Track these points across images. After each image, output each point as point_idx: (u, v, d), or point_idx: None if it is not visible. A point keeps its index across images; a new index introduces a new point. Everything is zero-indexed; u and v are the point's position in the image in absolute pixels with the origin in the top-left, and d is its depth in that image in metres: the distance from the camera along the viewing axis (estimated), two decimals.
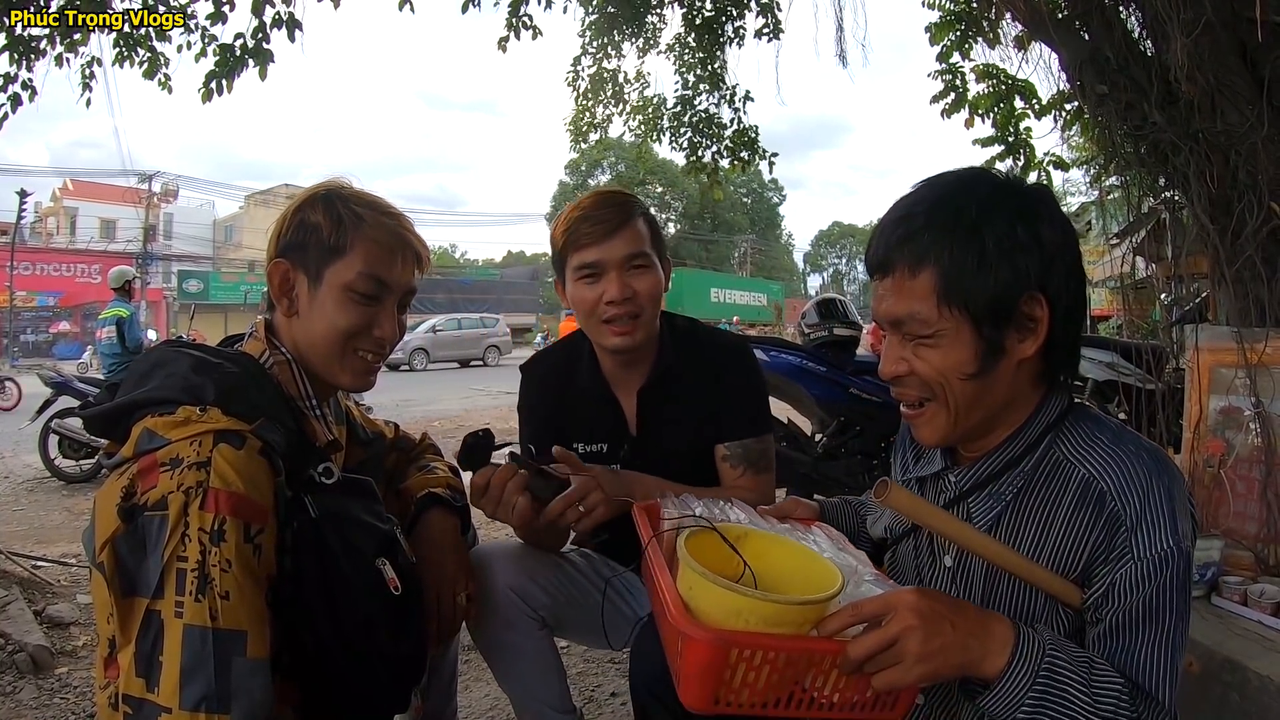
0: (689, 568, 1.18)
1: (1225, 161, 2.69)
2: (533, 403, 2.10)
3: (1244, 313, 2.71)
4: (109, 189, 43.84)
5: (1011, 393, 1.26)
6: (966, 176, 1.28)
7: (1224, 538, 2.42)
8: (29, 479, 7.83)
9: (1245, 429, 2.58)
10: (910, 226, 1.22)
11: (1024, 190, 1.26)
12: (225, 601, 1.18)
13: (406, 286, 1.57)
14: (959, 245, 1.18)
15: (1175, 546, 1.14)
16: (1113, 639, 1.16)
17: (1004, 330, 1.20)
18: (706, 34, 6.95)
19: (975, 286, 1.18)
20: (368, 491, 1.54)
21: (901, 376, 1.28)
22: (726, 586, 1.14)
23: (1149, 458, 1.21)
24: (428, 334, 27.66)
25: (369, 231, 1.50)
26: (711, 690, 1.13)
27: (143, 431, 1.27)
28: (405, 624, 1.50)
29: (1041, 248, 1.19)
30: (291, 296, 1.52)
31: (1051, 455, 1.27)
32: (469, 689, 2.98)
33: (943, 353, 1.22)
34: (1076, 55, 3.15)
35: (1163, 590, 1.14)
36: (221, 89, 5.04)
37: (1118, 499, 1.17)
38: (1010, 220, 1.19)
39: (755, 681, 1.12)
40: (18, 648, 3.27)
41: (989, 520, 1.29)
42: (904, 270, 1.22)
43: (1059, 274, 1.21)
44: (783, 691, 1.14)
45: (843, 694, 1.15)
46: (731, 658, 1.10)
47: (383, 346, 1.56)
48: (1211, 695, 2.04)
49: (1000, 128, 4.85)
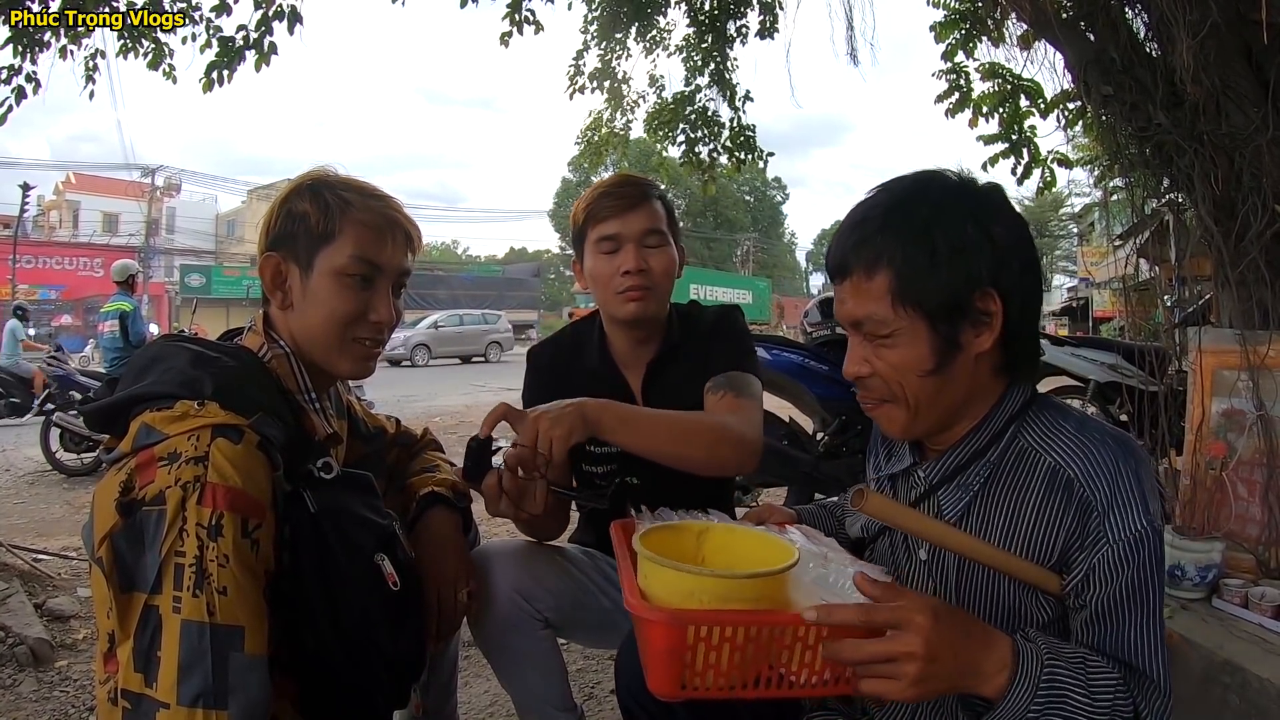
0: (642, 557, 1.21)
1: (1230, 164, 2.68)
2: (537, 388, 2.08)
3: (1247, 315, 2.71)
4: (112, 183, 43.87)
5: (972, 386, 1.30)
6: (920, 179, 1.32)
7: (1225, 540, 2.42)
8: (30, 472, 7.84)
9: (1247, 431, 2.57)
10: (866, 230, 1.27)
11: (976, 191, 1.30)
12: (223, 597, 1.17)
13: (399, 268, 1.56)
14: (911, 246, 1.22)
15: (1149, 526, 1.18)
16: (1101, 624, 1.20)
17: (959, 326, 1.24)
18: (711, 32, 6.94)
19: (928, 285, 1.22)
20: (367, 487, 1.54)
21: (864, 377, 1.32)
22: (676, 568, 1.17)
23: (1114, 443, 1.24)
24: (430, 330, 27.73)
25: (356, 214, 1.50)
26: (676, 674, 1.14)
27: (141, 426, 1.27)
28: (404, 620, 1.50)
29: (993, 245, 1.23)
30: (285, 289, 1.51)
31: (1017, 444, 1.30)
32: (469, 685, 2.98)
33: (901, 351, 1.26)
34: (1081, 56, 3.14)
35: (1142, 570, 1.18)
36: (222, 79, 5.07)
37: (1086, 484, 1.21)
38: (961, 220, 1.23)
39: (718, 662, 1.14)
40: (18, 641, 3.28)
41: (958, 511, 1.32)
42: (860, 273, 1.27)
43: (1011, 270, 1.25)
44: (750, 673, 1.16)
45: (813, 671, 1.16)
46: (689, 637, 1.12)
47: (380, 331, 1.55)
48: (1211, 698, 2.04)
49: (1005, 127, 4.84)
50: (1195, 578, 2.34)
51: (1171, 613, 2.24)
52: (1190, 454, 2.71)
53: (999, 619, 1.28)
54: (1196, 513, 2.56)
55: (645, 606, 1.16)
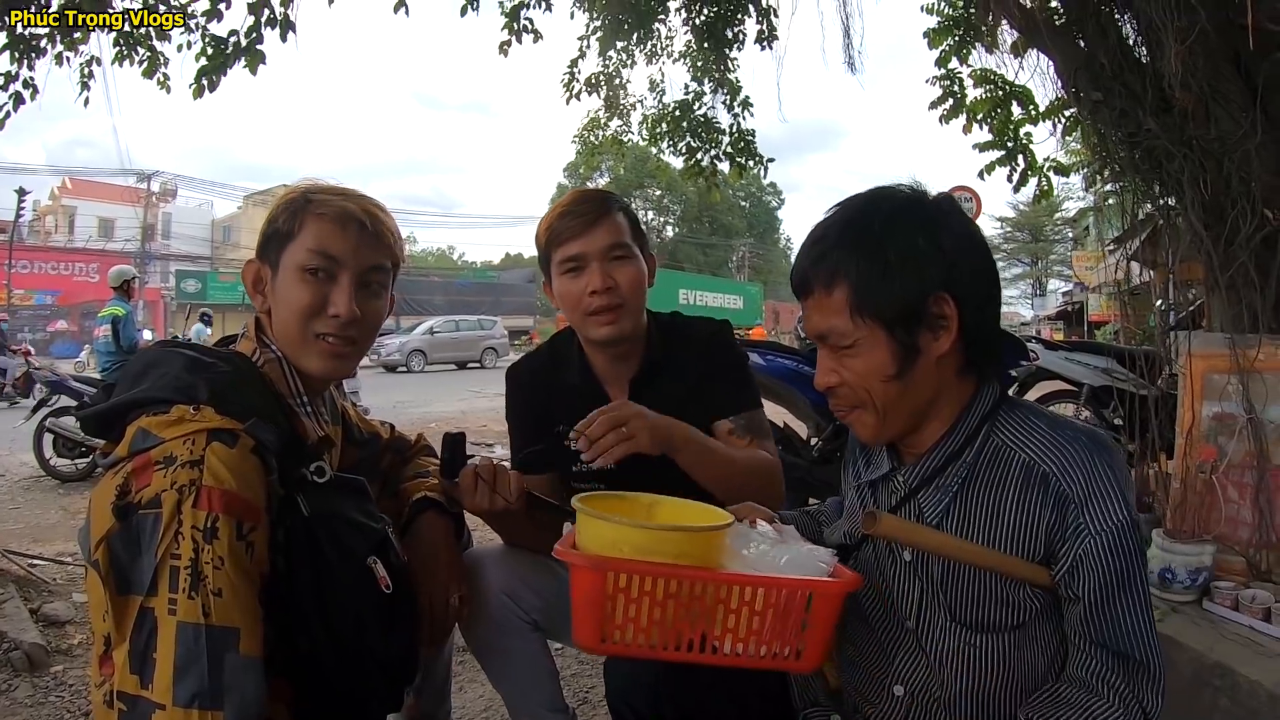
0: (578, 511, 1.27)
1: (1219, 168, 2.70)
2: (521, 407, 2.10)
3: (1236, 319, 2.72)
4: (108, 188, 43.89)
5: (937, 387, 1.34)
6: (872, 196, 1.38)
7: (1216, 543, 2.43)
8: (25, 478, 7.82)
9: (1237, 435, 2.59)
10: (823, 247, 1.34)
11: (925, 202, 1.35)
12: (218, 599, 1.18)
13: (364, 262, 1.54)
14: (865, 260, 1.28)
15: (1128, 516, 1.24)
16: (1097, 616, 1.25)
17: (916, 331, 1.29)
18: (710, 38, 6.97)
19: (883, 295, 1.28)
20: (360, 490, 1.55)
21: (834, 387, 1.37)
22: (601, 518, 1.23)
23: (1087, 439, 1.30)
24: (425, 335, 27.64)
25: (316, 209, 1.51)
26: (597, 624, 1.18)
27: (137, 431, 1.28)
28: (396, 623, 1.50)
29: (943, 252, 1.28)
30: (264, 293, 1.54)
31: (991, 444, 1.35)
32: (463, 689, 2.98)
33: (863, 359, 1.31)
34: (1071, 62, 3.16)
35: (1127, 558, 1.24)
36: (213, 85, 5.03)
37: (1062, 479, 1.26)
38: (911, 231, 1.29)
39: (638, 617, 1.18)
40: (13, 646, 3.28)
41: (939, 513, 1.36)
42: (820, 288, 1.33)
43: (963, 274, 1.30)
44: (671, 634, 1.19)
45: (737, 639, 1.20)
46: (609, 585, 1.16)
47: (343, 326, 1.52)
48: (1201, 700, 2.05)
49: (998, 133, 4.86)
50: (1186, 580, 2.35)
51: (1162, 615, 2.25)
52: (1181, 457, 2.73)
53: (990, 611, 1.32)
54: (1187, 516, 2.57)
55: (567, 552, 1.21)
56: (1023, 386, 5.78)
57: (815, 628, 1.22)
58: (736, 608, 1.19)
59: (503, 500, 1.66)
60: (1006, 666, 1.33)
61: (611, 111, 7.74)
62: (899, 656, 1.41)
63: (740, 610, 1.20)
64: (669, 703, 1.57)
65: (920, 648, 1.38)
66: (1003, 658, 1.32)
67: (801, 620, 1.22)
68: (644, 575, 1.17)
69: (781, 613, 1.21)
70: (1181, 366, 2.79)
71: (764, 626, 1.21)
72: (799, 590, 1.21)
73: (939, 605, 1.36)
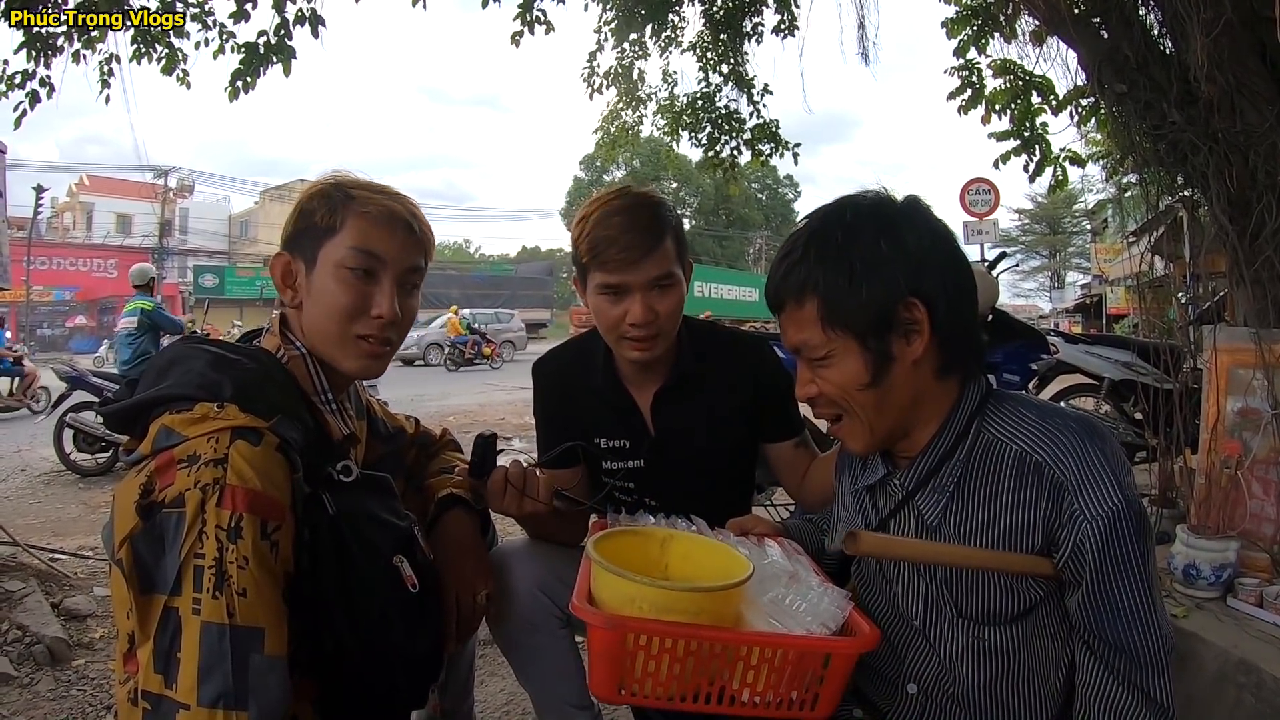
0: (593, 562, 1.26)
1: (1244, 161, 2.67)
2: (548, 404, 2.08)
3: (1262, 313, 2.69)
4: (125, 184, 44.15)
5: (916, 390, 1.34)
6: (836, 206, 1.38)
7: (1240, 539, 2.41)
8: (45, 472, 7.89)
9: (1263, 430, 2.56)
10: (791, 260, 1.34)
11: (887, 207, 1.35)
12: (242, 598, 1.18)
13: (405, 263, 1.54)
14: (830, 271, 1.29)
15: (1124, 499, 1.22)
16: (1095, 600, 1.24)
17: (887, 338, 1.29)
18: (728, 29, 6.93)
19: (851, 306, 1.28)
20: (386, 488, 1.54)
21: (814, 398, 1.39)
22: (619, 574, 1.21)
23: (1077, 424, 1.29)
24: (442, 329, 27.68)
25: (359, 207, 1.50)
26: (615, 677, 1.19)
27: (160, 429, 1.27)
28: (422, 621, 1.50)
29: (907, 256, 1.28)
30: (294, 287, 1.52)
31: (983, 438, 1.34)
32: (485, 684, 2.99)
33: (838, 370, 1.33)
34: (1095, 53, 3.13)
35: (1124, 542, 1.22)
36: (248, 87, 5.06)
37: (1054, 466, 1.25)
38: (873, 238, 1.29)
39: (657, 672, 1.18)
40: (35, 639, 3.30)
41: (938, 512, 1.36)
42: (792, 302, 1.34)
43: (931, 275, 1.29)
44: (690, 686, 1.20)
45: (755, 691, 1.21)
46: (628, 643, 1.16)
47: (384, 328, 1.52)
48: (1226, 697, 2.03)
49: (1017, 123, 4.83)
50: (1210, 577, 2.33)
51: (1186, 612, 2.23)
52: (1205, 453, 2.70)
53: (994, 603, 1.33)
54: (1211, 512, 2.54)
55: (584, 609, 1.20)
56: (1042, 380, 5.73)
57: (831, 681, 1.24)
58: (756, 664, 1.20)
59: (532, 504, 1.67)
60: (1016, 657, 1.34)
61: (630, 103, 7.70)
62: (909, 655, 1.43)
63: (760, 667, 1.21)
64: None
65: (930, 645, 1.39)
66: (1011, 649, 1.33)
67: (819, 675, 1.23)
68: (663, 636, 1.17)
69: (799, 669, 1.22)
70: (1206, 360, 2.76)
71: (781, 681, 1.22)
72: (819, 649, 1.22)
73: (944, 602, 1.37)
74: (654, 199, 1.90)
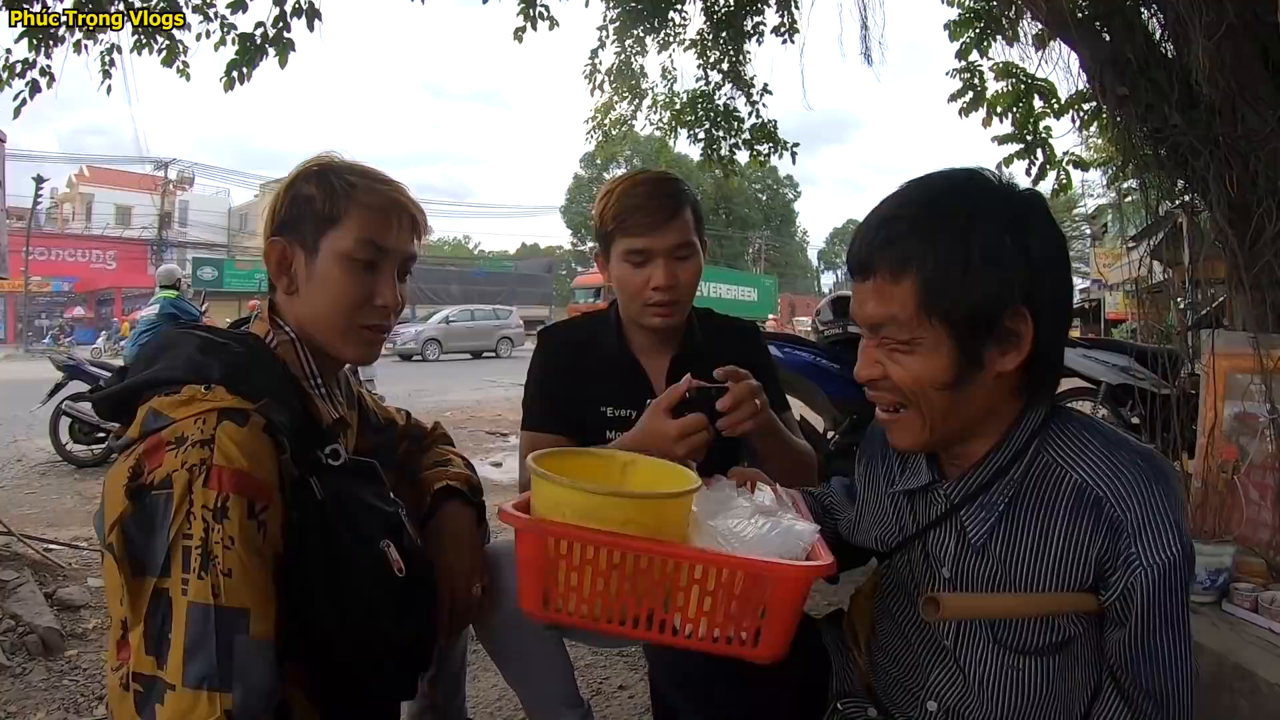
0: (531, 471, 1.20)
1: (1245, 166, 2.67)
2: (550, 366, 2.08)
3: (1260, 319, 2.69)
4: (125, 175, 44.18)
5: (989, 404, 1.24)
6: (957, 178, 1.24)
7: (1236, 544, 2.41)
8: (41, 463, 7.87)
9: (1260, 435, 2.56)
10: (894, 229, 1.20)
11: (1016, 197, 1.21)
12: (228, 579, 1.17)
13: (405, 252, 1.55)
14: (943, 253, 1.15)
15: (1182, 550, 1.14)
16: (1137, 646, 1.18)
17: (984, 343, 1.18)
18: (728, 28, 6.92)
19: (957, 297, 1.15)
20: (374, 474, 1.54)
21: (877, 380, 1.27)
22: (545, 477, 1.15)
23: (1145, 464, 1.19)
24: (441, 325, 27.72)
25: (362, 197, 1.49)
26: (539, 589, 1.14)
27: (149, 412, 1.27)
28: (410, 607, 1.49)
29: (1030, 260, 1.16)
30: (290, 274, 1.51)
31: (1040, 460, 1.25)
32: (476, 679, 2.98)
33: (920, 361, 1.20)
34: (1097, 56, 3.13)
35: (1176, 595, 1.15)
36: (243, 78, 5.07)
37: (1116, 505, 1.16)
38: (999, 230, 1.16)
39: (580, 586, 1.12)
40: (28, 630, 3.29)
41: (983, 532, 1.27)
42: (885, 275, 1.19)
43: (1046, 288, 1.18)
44: (617, 606, 1.14)
45: (687, 619, 1.13)
46: (549, 550, 1.11)
47: (386, 316, 1.54)
48: (1221, 703, 2.03)
49: (1019, 126, 4.82)
50: (1206, 581, 2.33)
51: None
52: (1202, 457, 2.71)
53: (1034, 633, 1.26)
54: (1208, 516, 2.54)
55: (508, 512, 1.16)
56: None
57: (774, 614, 1.13)
58: (686, 585, 1.12)
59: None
60: (1048, 688, 1.26)
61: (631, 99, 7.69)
62: (935, 673, 1.36)
63: (690, 588, 1.12)
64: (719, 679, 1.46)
65: (958, 666, 1.32)
66: (1044, 679, 1.26)
67: (760, 606, 1.13)
68: (583, 543, 1.10)
69: (734, 595, 1.12)
70: (1204, 365, 2.76)
71: (715, 608, 1.12)
72: (754, 572, 1.12)
73: (981, 624, 1.29)
74: (674, 176, 2.01)
